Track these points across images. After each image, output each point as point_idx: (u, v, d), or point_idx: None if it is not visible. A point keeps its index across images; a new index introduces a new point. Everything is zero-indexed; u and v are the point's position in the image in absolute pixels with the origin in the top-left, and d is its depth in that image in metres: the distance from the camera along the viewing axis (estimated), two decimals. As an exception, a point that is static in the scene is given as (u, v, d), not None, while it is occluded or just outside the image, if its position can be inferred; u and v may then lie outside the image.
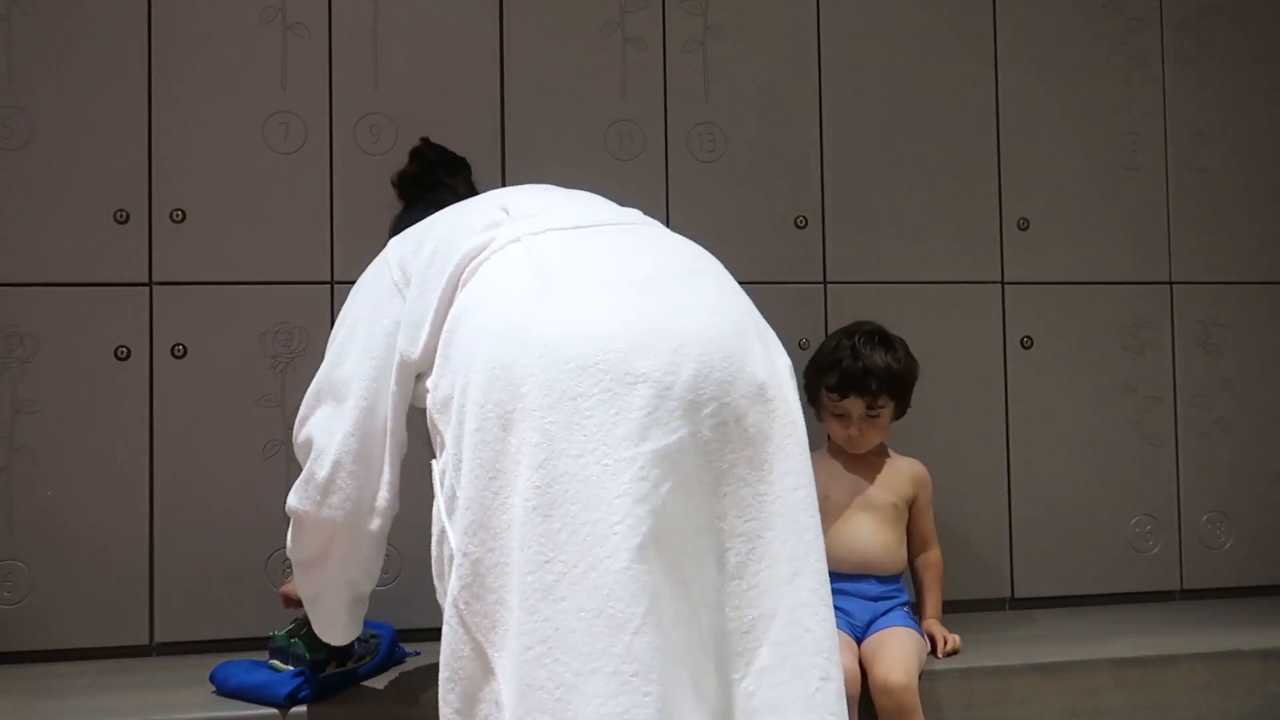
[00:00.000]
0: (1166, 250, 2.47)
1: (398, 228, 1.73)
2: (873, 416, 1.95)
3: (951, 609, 2.22)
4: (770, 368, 1.27)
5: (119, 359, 2.06)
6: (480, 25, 2.22)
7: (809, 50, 2.34)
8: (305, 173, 2.15)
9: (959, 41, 2.40)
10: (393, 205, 2.17)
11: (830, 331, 2.22)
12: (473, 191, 1.87)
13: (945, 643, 1.96)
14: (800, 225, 2.32)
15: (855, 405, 1.95)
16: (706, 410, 1.20)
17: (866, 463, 2.00)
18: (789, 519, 1.23)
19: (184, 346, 2.08)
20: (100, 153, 2.08)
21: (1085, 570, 2.39)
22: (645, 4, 2.28)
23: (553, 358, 1.18)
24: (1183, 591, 2.44)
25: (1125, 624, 2.20)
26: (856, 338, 1.98)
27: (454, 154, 1.98)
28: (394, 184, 1.94)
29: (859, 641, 1.89)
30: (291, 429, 1.58)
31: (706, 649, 1.19)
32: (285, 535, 1.62)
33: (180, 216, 2.10)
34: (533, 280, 1.27)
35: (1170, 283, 2.47)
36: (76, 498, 2.04)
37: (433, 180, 1.89)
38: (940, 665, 1.91)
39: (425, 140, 1.99)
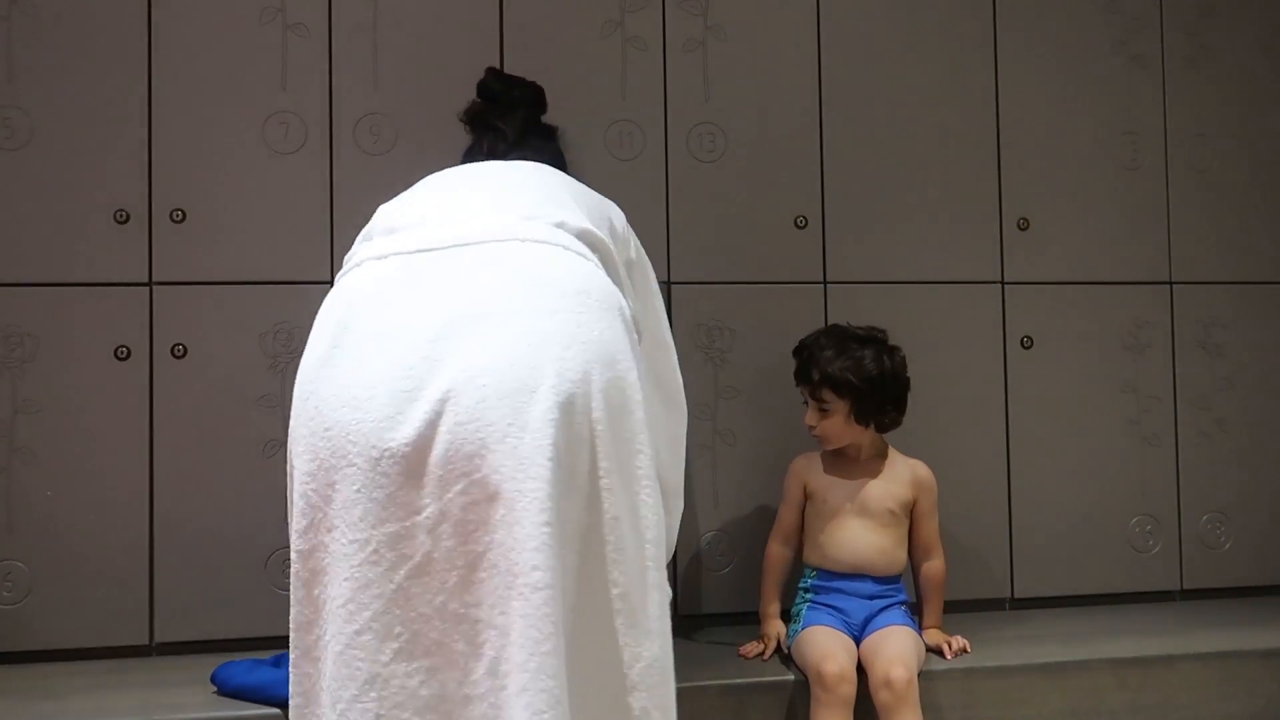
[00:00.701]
0: (1166, 250, 2.47)
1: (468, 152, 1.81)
2: (823, 410, 1.95)
3: (951, 609, 2.22)
4: (544, 436, 1.14)
5: (119, 359, 2.06)
6: (480, 25, 2.22)
7: (809, 50, 2.34)
8: (305, 173, 2.15)
9: (959, 41, 2.40)
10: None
11: (830, 331, 2.22)
12: (539, 138, 1.84)
13: (950, 646, 1.96)
14: (800, 225, 2.32)
15: (805, 392, 1.99)
16: (457, 488, 1.13)
17: (864, 465, 1.99)
18: (528, 623, 1.11)
19: (184, 346, 2.08)
20: (100, 153, 2.08)
21: (1085, 570, 2.39)
22: (645, 4, 2.28)
23: (316, 425, 1.18)
24: (1183, 591, 2.44)
25: (1125, 624, 2.20)
26: (824, 331, 2.02)
27: (517, 88, 1.88)
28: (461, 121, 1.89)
29: (856, 641, 1.89)
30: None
31: None
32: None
33: (180, 216, 2.10)
34: (332, 328, 1.25)
35: (1170, 283, 2.47)
36: (76, 498, 2.04)
37: (485, 121, 1.83)
38: (940, 665, 1.91)
39: (490, 70, 1.93)
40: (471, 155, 1.81)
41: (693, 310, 2.26)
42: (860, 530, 1.95)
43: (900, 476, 2.00)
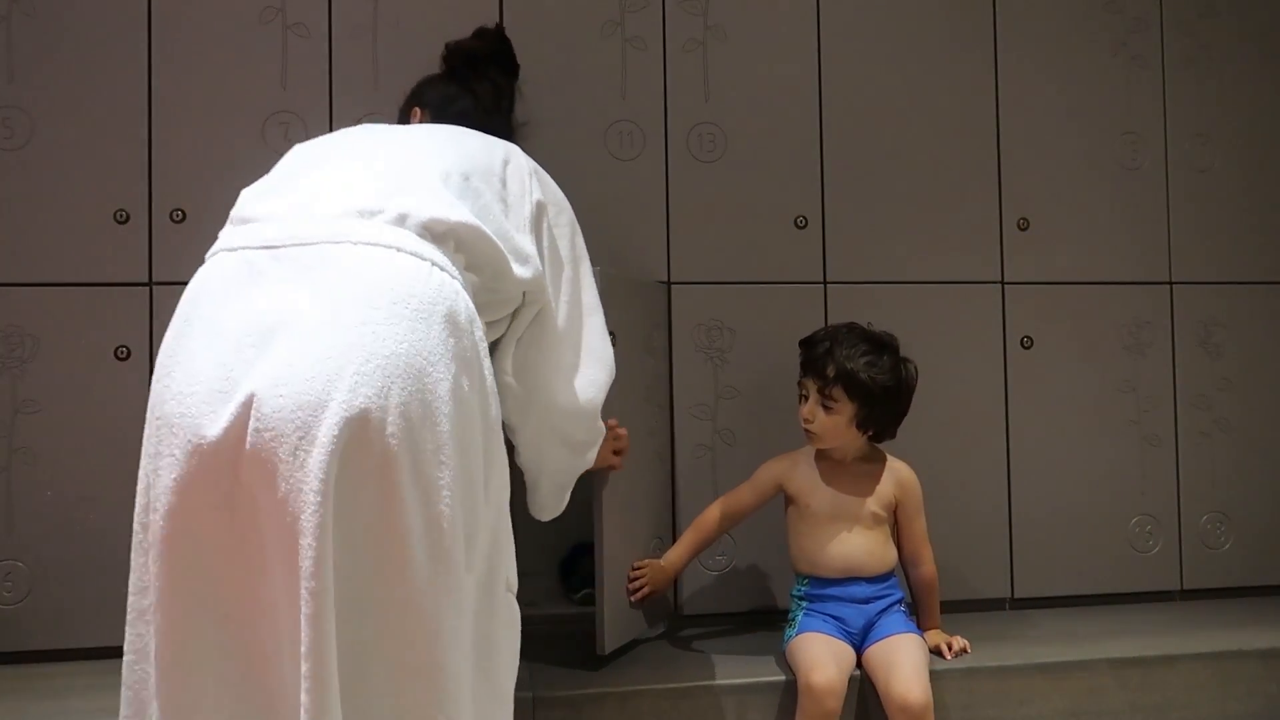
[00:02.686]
0: (1166, 250, 2.47)
1: (422, 89, 1.81)
2: (826, 407, 1.89)
3: (951, 609, 2.22)
4: (328, 452, 1.15)
5: (119, 359, 2.06)
6: (480, 25, 2.22)
7: (809, 50, 2.34)
8: (305, 173, 2.15)
9: (959, 41, 2.40)
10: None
11: (830, 331, 2.22)
12: (510, 107, 1.85)
13: (950, 648, 1.95)
14: (800, 225, 2.32)
15: (810, 385, 1.92)
16: (252, 490, 1.18)
17: (849, 469, 1.96)
18: (307, 622, 1.14)
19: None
20: (100, 153, 2.08)
21: (1085, 570, 2.39)
22: (645, 4, 2.28)
23: (152, 415, 1.24)
24: (1183, 591, 2.44)
25: (1125, 624, 2.20)
26: (845, 327, 1.95)
27: (515, 60, 1.92)
28: (445, 48, 1.88)
29: (859, 649, 1.88)
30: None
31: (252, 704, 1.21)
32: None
33: (180, 216, 2.10)
34: (178, 323, 1.29)
35: (1170, 283, 2.47)
36: (76, 498, 2.04)
37: (481, 71, 1.84)
38: (941, 665, 1.91)
39: (499, 27, 1.94)
40: (450, 102, 1.79)
41: (693, 310, 2.26)
42: (847, 535, 1.93)
43: (884, 479, 1.96)
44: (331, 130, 2.15)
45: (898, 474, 1.98)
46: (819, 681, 1.74)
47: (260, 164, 2.12)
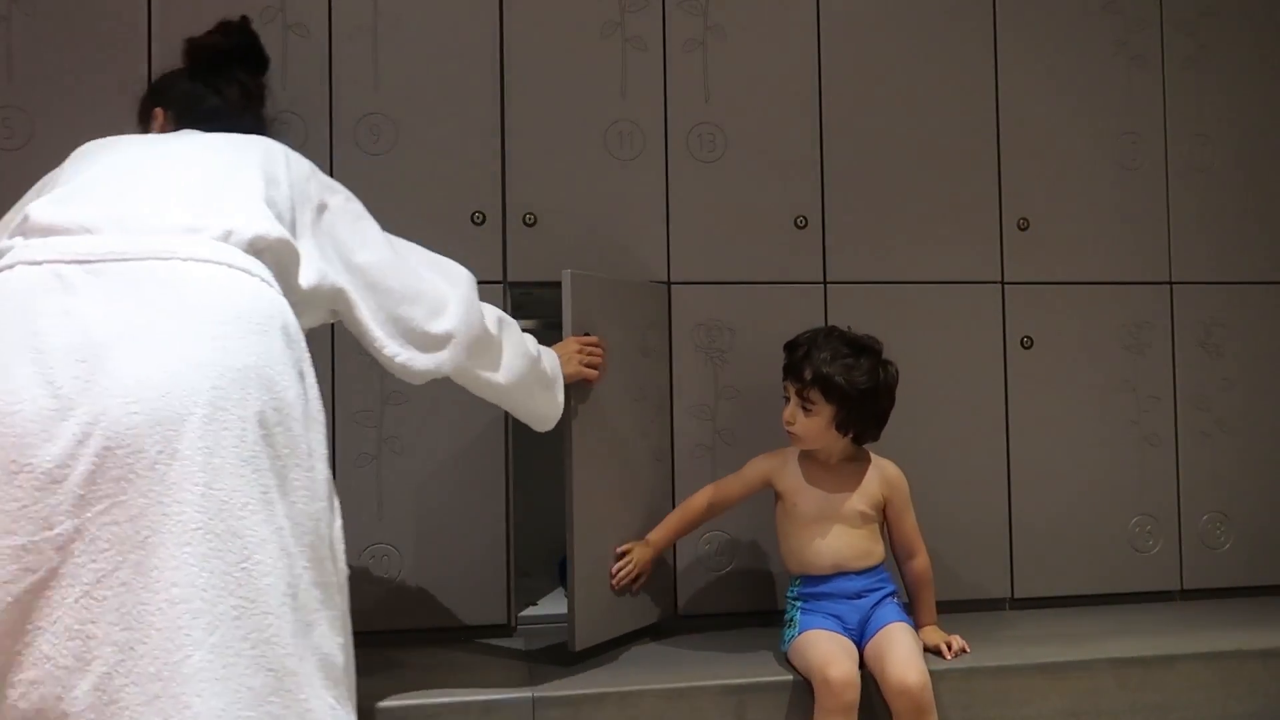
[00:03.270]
0: (1166, 250, 2.47)
1: (164, 87, 1.75)
2: (806, 410, 1.91)
3: (951, 609, 2.22)
4: (193, 464, 1.18)
5: None
6: (480, 25, 2.23)
7: (809, 50, 2.34)
8: (305, 173, 2.15)
9: (959, 41, 2.40)
10: (400, 205, 2.18)
11: (830, 331, 2.22)
12: (260, 104, 1.82)
13: (950, 647, 1.96)
14: (800, 225, 2.32)
15: (790, 388, 1.95)
16: (98, 508, 1.16)
17: (835, 469, 1.97)
18: (165, 636, 1.15)
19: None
20: (100, 153, 2.08)
21: (1085, 570, 2.39)
22: (645, 4, 2.28)
23: None
24: (1183, 591, 2.44)
25: (1125, 624, 2.20)
26: (825, 330, 1.97)
27: (265, 54, 1.87)
28: (186, 44, 1.80)
29: (859, 645, 1.88)
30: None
31: None
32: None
33: (180, 216, 2.10)
34: None
35: (1170, 283, 2.47)
36: None
37: (225, 68, 1.78)
38: (940, 665, 1.91)
39: (245, 20, 1.87)
40: (198, 102, 1.74)
41: (693, 310, 2.26)
42: (833, 534, 1.94)
43: (870, 478, 1.97)
44: (332, 130, 2.16)
45: (883, 471, 1.99)
46: (837, 675, 1.74)
47: (260, 164, 2.13)
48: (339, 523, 1.40)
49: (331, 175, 2.14)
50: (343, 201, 1.60)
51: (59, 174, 1.48)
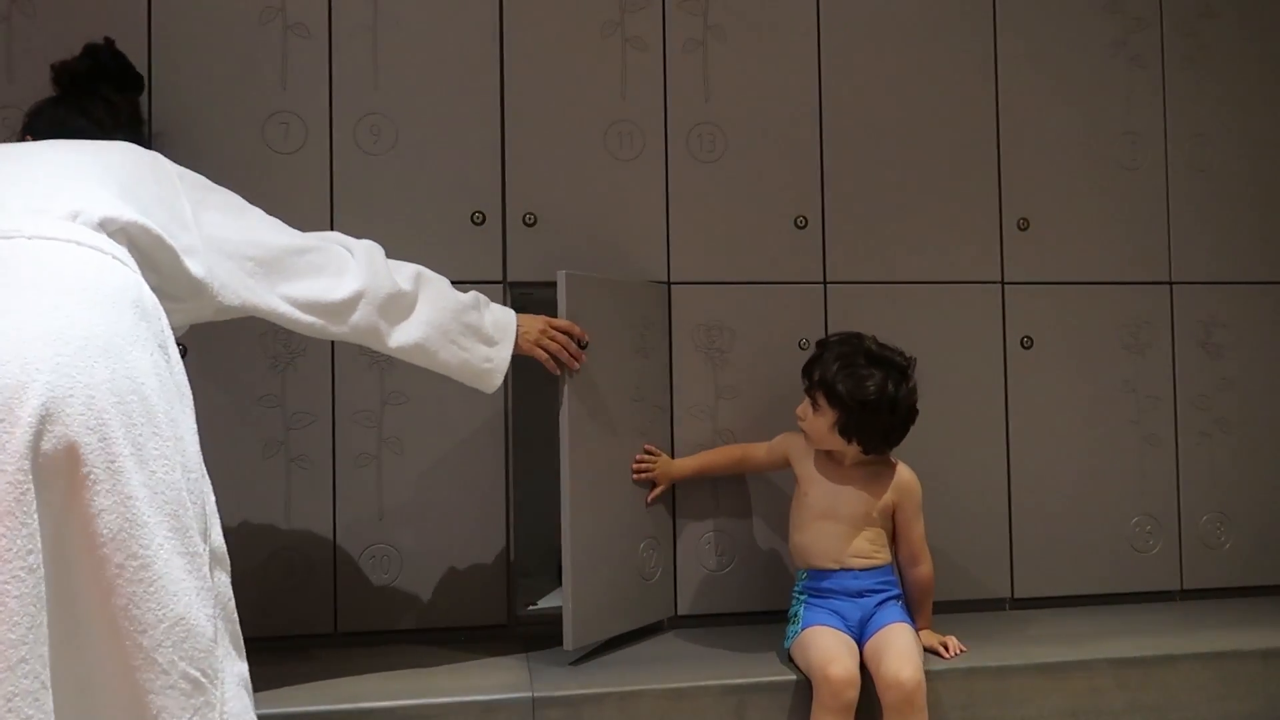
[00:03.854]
0: (1166, 250, 2.47)
1: (34, 115, 1.78)
2: (814, 408, 1.95)
3: (951, 609, 2.23)
4: (31, 431, 1.17)
5: None
6: (480, 25, 2.23)
7: (809, 50, 2.34)
8: (305, 172, 2.15)
9: (959, 41, 2.40)
10: (400, 205, 2.18)
11: (830, 331, 2.22)
12: (134, 121, 1.85)
13: (948, 648, 1.96)
14: (800, 225, 2.32)
15: (804, 383, 1.99)
16: None
17: (848, 470, 1.98)
18: (24, 602, 1.14)
19: (185, 346, 2.08)
20: (100, 153, 2.08)
21: (1085, 570, 2.39)
22: (645, 4, 2.28)
23: None
24: (1183, 591, 2.44)
25: (1125, 624, 2.20)
26: (849, 336, 1.98)
27: (135, 72, 1.90)
28: (53, 70, 1.83)
29: (859, 644, 1.88)
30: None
31: None
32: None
33: (180, 216, 2.10)
34: None
35: (1170, 283, 2.47)
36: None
37: (92, 89, 1.81)
38: (940, 665, 1.91)
39: (109, 41, 1.90)
40: (62, 123, 1.76)
41: (693, 310, 2.26)
42: (837, 531, 1.94)
43: (882, 483, 1.97)
44: (331, 130, 2.16)
45: (898, 478, 1.98)
46: (837, 674, 1.75)
47: (260, 164, 2.14)
48: (212, 498, 1.41)
49: (331, 175, 2.16)
50: (222, 197, 1.64)
51: None
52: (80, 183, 1.42)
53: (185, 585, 1.27)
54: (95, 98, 1.80)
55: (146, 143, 1.86)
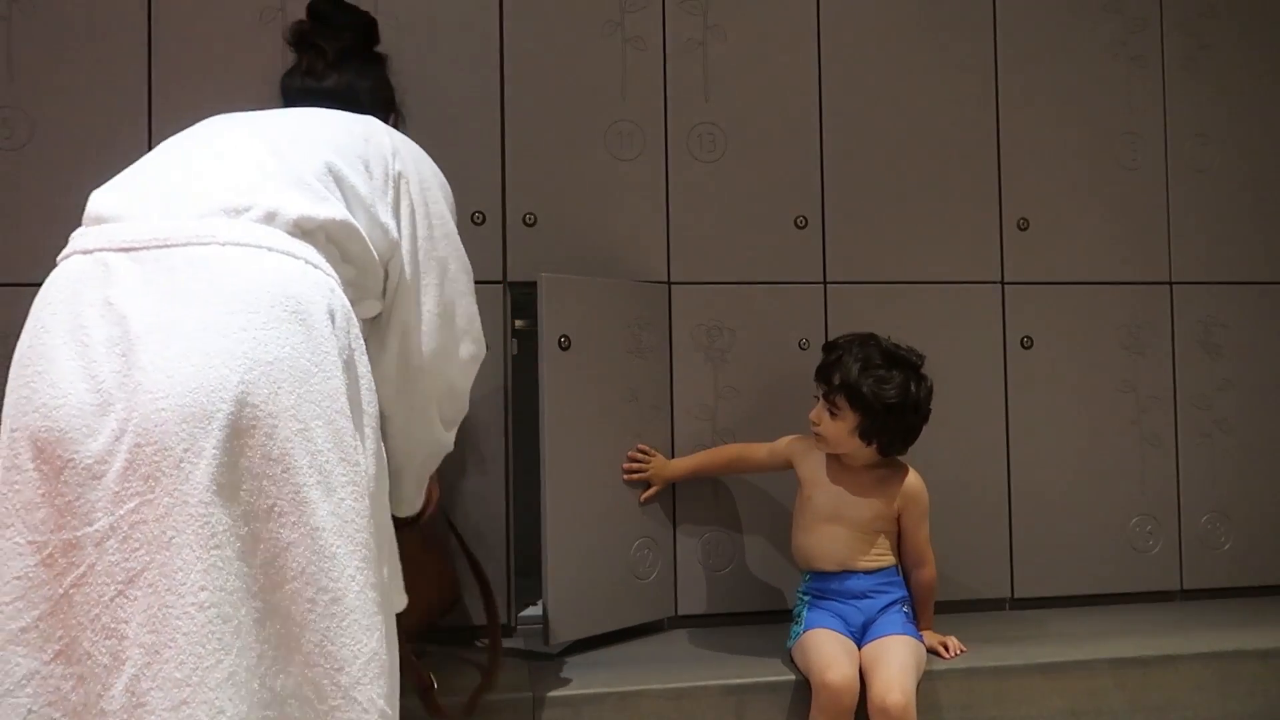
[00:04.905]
0: (1166, 250, 2.47)
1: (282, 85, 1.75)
2: (832, 414, 1.92)
3: (951, 609, 2.23)
4: (217, 462, 1.15)
5: None
6: (480, 25, 2.22)
7: (809, 50, 2.34)
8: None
9: (959, 41, 2.40)
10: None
11: (830, 332, 2.22)
12: (361, 61, 1.77)
13: (947, 649, 1.96)
14: (800, 225, 2.32)
15: (820, 389, 1.95)
16: (130, 505, 1.14)
17: (856, 474, 1.97)
18: (191, 640, 1.12)
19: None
20: (100, 152, 2.08)
21: (1085, 570, 2.39)
22: (645, 4, 2.28)
23: (7, 427, 1.20)
24: (1183, 591, 2.44)
25: (1125, 624, 2.20)
26: (864, 338, 1.96)
27: (347, 13, 1.81)
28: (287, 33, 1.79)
29: (859, 645, 1.87)
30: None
31: None
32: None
33: (180, 216, 2.10)
34: (32, 328, 1.24)
35: (1170, 283, 2.47)
36: None
37: (307, 40, 1.75)
38: (940, 665, 1.91)
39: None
40: (290, 76, 1.76)
41: (693, 310, 2.26)
42: (841, 535, 1.94)
43: (890, 488, 1.96)
44: (331, 130, 2.15)
45: (906, 483, 1.97)
46: (835, 679, 1.74)
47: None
48: (389, 518, 1.36)
49: (331, 175, 2.16)
50: (435, 197, 1.57)
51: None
52: (286, 171, 1.33)
53: (377, 619, 1.23)
54: (314, 51, 1.74)
55: (387, 84, 1.83)
